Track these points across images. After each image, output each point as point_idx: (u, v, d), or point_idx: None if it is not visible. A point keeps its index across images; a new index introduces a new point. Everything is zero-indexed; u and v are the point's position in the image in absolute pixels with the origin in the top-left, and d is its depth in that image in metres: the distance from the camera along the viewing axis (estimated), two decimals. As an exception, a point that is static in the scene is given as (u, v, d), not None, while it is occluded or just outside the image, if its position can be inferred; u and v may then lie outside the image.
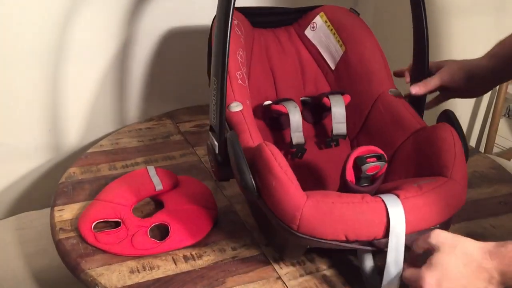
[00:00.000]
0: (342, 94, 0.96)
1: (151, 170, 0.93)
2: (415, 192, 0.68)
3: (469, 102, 1.81)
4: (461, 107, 1.80)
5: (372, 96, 0.94)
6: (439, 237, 0.62)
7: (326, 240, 0.67)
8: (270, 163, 0.68)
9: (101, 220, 0.83)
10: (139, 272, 0.75)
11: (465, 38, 1.26)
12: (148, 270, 0.75)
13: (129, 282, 0.73)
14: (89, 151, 1.08)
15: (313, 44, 1.05)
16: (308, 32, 1.05)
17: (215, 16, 0.94)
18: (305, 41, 1.06)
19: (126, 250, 0.78)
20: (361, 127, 0.96)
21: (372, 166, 0.71)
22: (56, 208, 0.88)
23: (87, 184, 0.96)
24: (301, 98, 1.02)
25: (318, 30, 1.04)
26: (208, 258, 0.78)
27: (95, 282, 0.73)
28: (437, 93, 0.94)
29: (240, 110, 0.82)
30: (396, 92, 0.93)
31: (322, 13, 1.04)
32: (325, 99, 0.95)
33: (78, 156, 1.09)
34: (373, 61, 0.97)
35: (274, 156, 0.69)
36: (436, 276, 0.59)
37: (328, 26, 1.02)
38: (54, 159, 1.26)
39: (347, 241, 0.67)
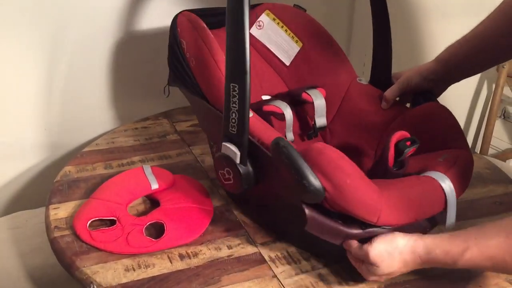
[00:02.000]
0: (315, 88, 0.97)
1: (147, 168, 0.93)
2: (449, 166, 0.75)
3: (465, 104, 1.81)
4: (457, 109, 1.80)
5: (343, 86, 0.98)
6: (376, 257, 0.68)
7: (402, 226, 0.70)
8: (341, 162, 0.68)
9: (97, 219, 0.82)
10: (134, 270, 0.75)
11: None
12: (144, 268, 0.75)
13: (124, 280, 0.73)
14: (84, 150, 1.08)
15: (261, 42, 1.03)
16: (254, 31, 1.03)
17: (176, 15, 0.88)
18: (250, 40, 1.04)
19: (121, 248, 0.78)
20: (333, 118, 0.99)
21: (411, 149, 0.76)
22: (51, 207, 0.88)
23: (82, 182, 0.96)
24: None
25: (266, 28, 1.02)
26: (203, 256, 0.78)
27: (90, 280, 0.73)
28: None
29: (253, 115, 0.78)
30: (364, 80, 0.98)
31: (268, 11, 1.02)
32: (304, 94, 0.95)
33: (73, 155, 1.08)
34: (334, 54, 1.00)
35: (339, 154, 0.69)
36: (376, 276, 0.71)
37: (278, 23, 1.01)
38: (49, 158, 1.26)
39: (416, 223, 0.72)
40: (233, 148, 0.73)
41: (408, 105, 0.95)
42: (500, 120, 1.80)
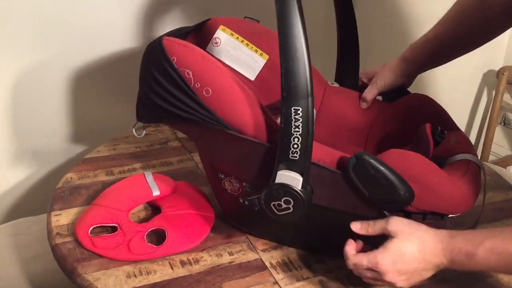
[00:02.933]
0: None
1: (148, 175, 0.93)
2: (466, 146, 0.80)
3: (465, 111, 1.82)
4: (457, 115, 1.81)
5: (318, 92, 0.98)
6: (397, 225, 0.68)
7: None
8: (424, 162, 0.71)
9: (98, 225, 0.83)
10: (135, 276, 0.75)
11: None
12: (145, 274, 0.75)
13: (125, 287, 0.73)
14: (86, 156, 1.08)
15: (220, 60, 0.95)
16: (210, 49, 0.95)
17: (159, 42, 0.76)
18: None
19: (122, 255, 0.78)
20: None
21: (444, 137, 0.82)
22: (53, 213, 0.88)
23: (84, 189, 0.96)
24: None
25: (224, 45, 0.95)
26: (205, 263, 0.78)
27: (92, 286, 0.73)
28: None
29: None
30: (336, 83, 1.00)
31: (222, 27, 0.95)
32: None
33: (75, 161, 1.09)
34: None
35: (417, 154, 0.71)
36: (390, 258, 0.66)
37: (237, 38, 0.95)
38: (51, 165, 1.26)
39: None
40: (293, 174, 0.68)
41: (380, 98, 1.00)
42: (500, 127, 1.81)
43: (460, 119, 1.78)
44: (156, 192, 0.89)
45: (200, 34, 0.95)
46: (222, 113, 0.73)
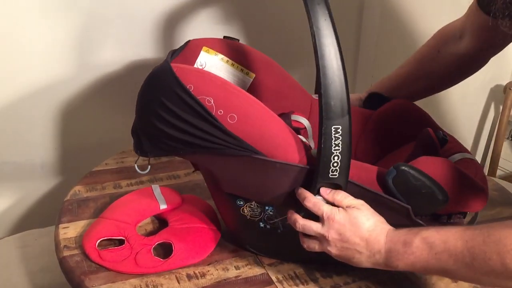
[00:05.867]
0: (292, 113, 0.97)
1: (156, 188, 0.94)
2: (459, 144, 0.86)
3: (472, 126, 1.82)
4: (465, 130, 1.81)
5: (304, 106, 0.99)
6: (351, 199, 0.69)
7: None
8: (454, 167, 0.73)
9: (105, 238, 0.83)
10: (142, 290, 0.75)
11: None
12: (151, 288, 0.75)
13: (132, 300, 0.73)
14: (94, 169, 1.09)
15: None
16: None
17: (156, 72, 0.75)
18: None
19: (129, 268, 0.78)
20: None
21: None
22: (61, 226, 0.89)
23: (92, 202, 0.96)
24: None
25: (210, 66, 0.92)
26: (211, 277, 0.78)
27: (99, 299, 0.73)
28: None
29: None
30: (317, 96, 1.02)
31: (206, 48, 0.92)
32: (294, 122, 0.95)
33: (83, 174, 1.10)
34: (285, 77, 0.99)
35: (442, 159, 0.75)
36: (345, 219, 0.67)
37: (222, 59, 0.93)
38: (59, 177, 1.27)
39: None
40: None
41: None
42: (508, 142, 1.80)
43: (467, 134, 1.77)
44: (163, 206, 0.89)
45: (183, 58, 0.91)
46: (250, 138, 0.70)
